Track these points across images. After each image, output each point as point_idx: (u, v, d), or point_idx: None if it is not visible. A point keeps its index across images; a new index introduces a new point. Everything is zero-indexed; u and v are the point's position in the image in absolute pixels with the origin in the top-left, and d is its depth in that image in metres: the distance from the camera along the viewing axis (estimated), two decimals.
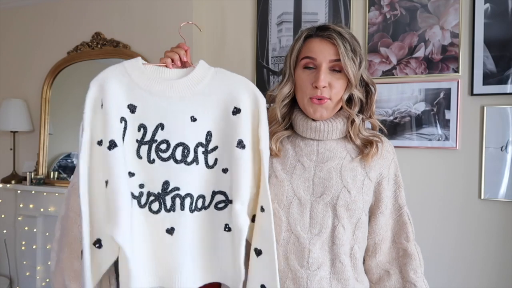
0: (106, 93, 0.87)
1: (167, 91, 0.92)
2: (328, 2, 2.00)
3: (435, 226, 1.82)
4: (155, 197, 0.91)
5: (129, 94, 0.90)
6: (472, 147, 1.76)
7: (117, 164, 0.83)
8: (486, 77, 1.72)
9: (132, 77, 0.91)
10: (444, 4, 1.79)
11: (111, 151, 0.83)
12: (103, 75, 0.90)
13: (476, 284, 1.76)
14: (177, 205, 0.92)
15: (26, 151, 2.71)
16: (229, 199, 0.94)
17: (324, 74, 0.94)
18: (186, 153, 0.92)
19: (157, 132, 0.91)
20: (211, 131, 0.94)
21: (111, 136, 0.84)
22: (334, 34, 0.95)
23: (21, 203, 2.60)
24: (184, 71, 0.97)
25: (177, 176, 0.91)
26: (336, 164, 0.97)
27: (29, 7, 2.70)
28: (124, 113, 0.89)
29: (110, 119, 0.85)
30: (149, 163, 0.91)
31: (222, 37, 2.25)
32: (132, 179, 0.90)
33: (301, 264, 0.94)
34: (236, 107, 0.93)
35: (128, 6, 2.37)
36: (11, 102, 2.60)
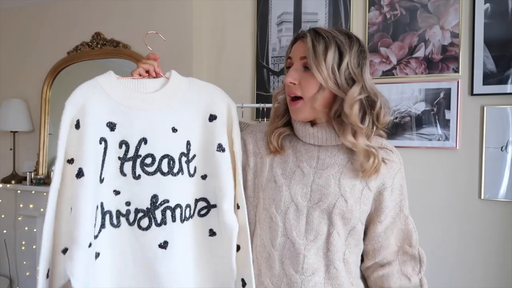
0: (84, 113, 0.85)
1: (146, 104, 0.91)
2: (328, 2, 2.00)
3: (435, 226, 1.82)
4: (144, 213, 0.90)
5: (108, 111, 0.88)
6: (472, 147, 1.76)
7: (81, 195, 0.82)
8: (486, 77, 1.72)
9: (109, 93, 0.89)
10: (444, 4, 1.79)
11: (78, 179, 0.82)
12: (80, 94, 0.87)
13: (476, 284, 1.76)
14: (168, 217, 0.91)
15: (26, 151, 2.71)
16: (211, 204, 0.97)
17: (293, 71, 0.94)
18: (172, 164, 0.92)
19: (141, 146, 0.90)
20: (189, 140, 0.95)
21: (80, 164, 0.82)
22: (308, 33, 0.93)
23: (21, 203, 2.60)
24: (159, 83, 0.96)
25: (165, 188, 0.91)
26: (336, 171, 0.95)
27: (29, 7, 2.70)
28: (104, 132, 0.88)
29: (85, 144, 0.83)
30: (134, 179, 0.89)
31: (222, 37, 2.25)
32: (118, 197, 0.90)
33: (296, 269, 0.94)
34: (212, 114, 0.96)
35: (128, 6, 2.37)
36: (11, 102, 2.60)
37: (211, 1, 2.26)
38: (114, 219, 0.90)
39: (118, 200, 0.90)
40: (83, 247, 0.81)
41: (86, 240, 0.82)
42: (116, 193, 0.90)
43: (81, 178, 0.82)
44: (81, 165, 0.82)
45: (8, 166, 2.71)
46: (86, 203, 0.82)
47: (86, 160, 0.83)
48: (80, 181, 0.82)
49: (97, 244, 0.87)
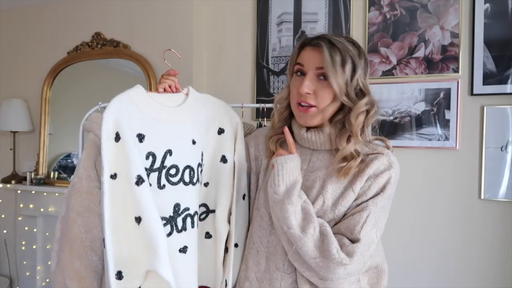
0: (121, 125, 0.86)
1: (171, 117, 0.98)
2: (328, 2, 2.00)
3: (435, 226, 1.82)
4: (166, 220, 0.93)
5: (138, 123, 0.91)
6: (472, 147, 1.76)
7: (148, 200, 0.84)
8: (486, 77, 1.73)
9: (140, 106, 0.93)
10: (444, 4, 1.79)
11: (139, 186, 0.83)
12: (115, 107, 0.88)
13: (476, 283, 1.76)
14: (188, 223, 0.97)
15: (26, 151, 2.71)
16: (210, 209, 1.05)
17: (308, 81, 0.95)
18: (192, 174, 0.98)
19: (166, 158, 0.94)
20: (202, 151, 1.03)
21: (137, 171, 0.84)
22: (323, 42, 0.94)
23: (21, 203, 2.60)
24: (181, 98, 1.04)
25: (186, 197, 0.97)
26: (323, 174, 0.97)
27: (29, 7, 2.70)
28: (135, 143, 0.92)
29: (132, 153, 0.85)
30: (159, 189, 0.93)
31: (222, 37, 2.25)
32: None
33: (278, 266, 0.97)
34: (220, 128, 1.06)
35: (128, 6, 2.37)
36: (11, 102, 2.60)
37: (211, 1, 2.26)
38: None
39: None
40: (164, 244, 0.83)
41: (164, 238, 0.85)
42: None
43: (142, 184, 0.84)
44: (138, 172, 0.84)
45: (8, 166, 2.71)
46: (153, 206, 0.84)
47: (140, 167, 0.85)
48: (142, 188, 0.84)
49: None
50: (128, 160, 0.84)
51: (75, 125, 1.88)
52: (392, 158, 0.99)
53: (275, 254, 0.98)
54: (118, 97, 0.91)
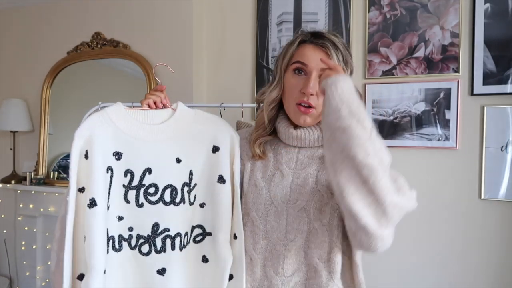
0: (92, 144, 0.88)
1: (152, 135, 0.95)
2: (328, 2, 2.00)
3: (435, 226, 1.82)
4: (145, 239, 0.93)
5: (115, 141, 0.91)
6: (472, 147, 1.76)
7: (95, 224, 0.84)
8: (486, 77, 1.72)
9: (117, 124, 0.92)
10: (444, 4, 1.79)
11: (91, 209, 0.85)
12: (87, 125, 0.90)
13: (476, 284, 1.76)
14: (168, 245, 0.94)
15: (26, 151, 2.71)
16: (206, 231, 0.99)
17: (313, 82, 0.93)
18: (174, 194, 0.95)
19: (145, 176, 0.93)
20: (192, 170, 0.98)
21: (92, 194, 0.85)
22: (328, 43, 0.94)
23: (21, 203, 2.60)
24: (166, 114, 0.99)
25: (166, 217, 0.94)
26: (314, 169, 0.97)
27: (29, 7, 2.70)
28: (110, 161, 0.90)
29: (94, 174, 0.86)
30: (137, 207, 0.92)
31: (222, 37, 2.25)
32: (121, 223, 0.93)
33: (276, 271, 0.95)
34: (215, 146, 0.99)
35: (128, 6, 2.37)
36: (11, 102, 2.60)
37: (211, 1, 2.26)
38: (116, 243, 0.93)
39: (121, 225, 0.93)
40: (99, 275, 0.85)
41: (102, 267, 0.85)
42: (120, 218, 0.93)
43: (93, 208, 0.85)
44: (93, 195, 0.85)
45: (8, 166, 2.71)
46: (99, 233, 0.85)
47: (98, 190, 0.86)
48: (93, 211, 0.85)
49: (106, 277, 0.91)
50: (90, 180, 0.86)
51: (75, 125, 1.87)
52: None
53: (271, 259, 0.95)
54: (94, 115, 0.92)
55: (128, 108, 0.96)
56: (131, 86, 2.42)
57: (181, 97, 1.10)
